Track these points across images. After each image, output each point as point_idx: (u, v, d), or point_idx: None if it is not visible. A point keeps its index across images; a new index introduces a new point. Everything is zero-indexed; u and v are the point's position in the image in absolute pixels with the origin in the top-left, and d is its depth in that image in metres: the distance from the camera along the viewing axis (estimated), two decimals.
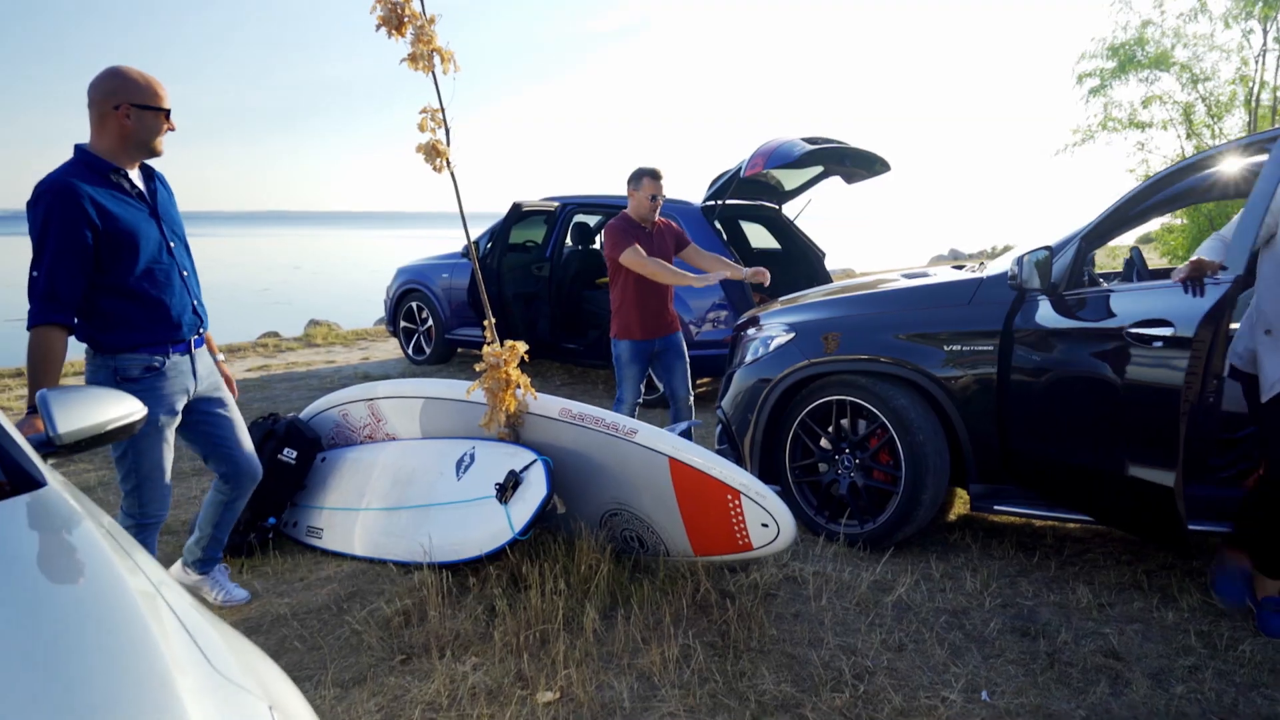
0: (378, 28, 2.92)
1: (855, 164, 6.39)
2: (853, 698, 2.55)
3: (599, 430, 3.22)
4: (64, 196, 2.48)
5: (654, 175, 4.38)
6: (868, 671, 2.69)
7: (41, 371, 2.52)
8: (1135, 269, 3.49)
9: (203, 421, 3.00)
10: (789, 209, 7.44)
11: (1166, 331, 2.80)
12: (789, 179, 6.91)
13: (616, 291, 4.46)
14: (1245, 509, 2.93)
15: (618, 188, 6.18)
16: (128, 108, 2.59)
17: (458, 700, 2.57)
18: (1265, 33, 12.83)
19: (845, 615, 3.07)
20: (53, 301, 2.51)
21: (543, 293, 7.48)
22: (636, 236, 4.33)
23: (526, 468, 3.21)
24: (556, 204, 7.37)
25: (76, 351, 2.75)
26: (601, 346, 6.74)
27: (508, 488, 3.18)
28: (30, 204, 2.53)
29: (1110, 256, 18.41)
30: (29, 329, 2.52)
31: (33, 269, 2.52)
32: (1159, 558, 3.52)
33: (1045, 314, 3.28)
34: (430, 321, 8.35)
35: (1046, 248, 3.23)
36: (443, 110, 3.08)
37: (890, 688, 2.59)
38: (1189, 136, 13.42)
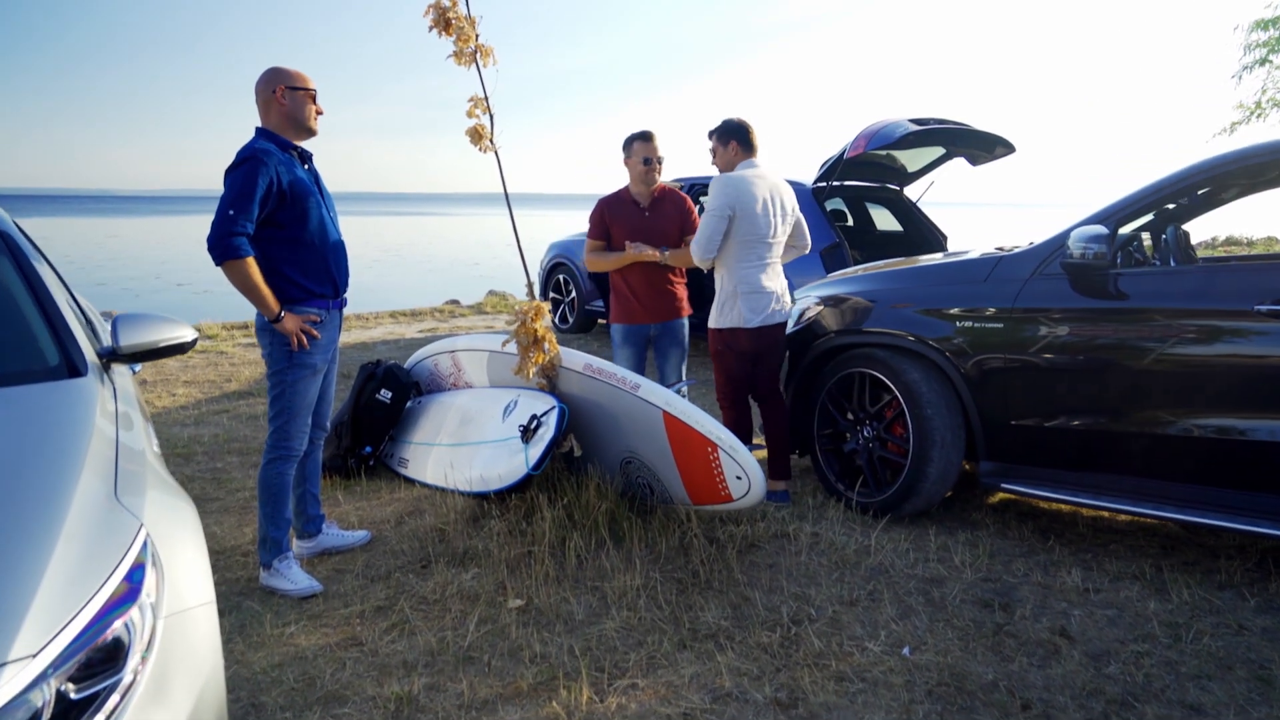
0: (429, 29, 3.41)
1: (973, 145, 6.24)
2: (781, 638, 2.77)
3: (608, 383, 3.57)
4: (262, 157, 2.99)
5: (644, 137, 4.06)
6: (808, 618, 2.89)
7: (260, 294, 2.98)
8: (1170, 252, 3.35)
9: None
10: (912, 191, 7.33)
11: None
12: (911, 160, 6.83)
13: (611, 275, 4.25)
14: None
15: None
16: (284, 90, 3.11)
17: (444, 598, 3.06)
18: None
19: (816, 570, 3.25)
20: (243, 238, 2.93)
21: None
22: (618, 217, 4.11)
23: (546, 412, 3.63)
24: (678, 184, 7.70)
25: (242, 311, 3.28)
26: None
27: (530, 429, 3.62)
28: (235, 163, 3.01)
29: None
30: (223, 262, 2.92)
31: (227, 208, 2.94)
32: (1185, 553, 3.38)
33: (1064, 292, 3.25)
34: (574, 294, 8.93)
35: (1102, 226, 3.15)
36: (486, 99, 3.53)
37: (819, 635, 2.78)
38: None
